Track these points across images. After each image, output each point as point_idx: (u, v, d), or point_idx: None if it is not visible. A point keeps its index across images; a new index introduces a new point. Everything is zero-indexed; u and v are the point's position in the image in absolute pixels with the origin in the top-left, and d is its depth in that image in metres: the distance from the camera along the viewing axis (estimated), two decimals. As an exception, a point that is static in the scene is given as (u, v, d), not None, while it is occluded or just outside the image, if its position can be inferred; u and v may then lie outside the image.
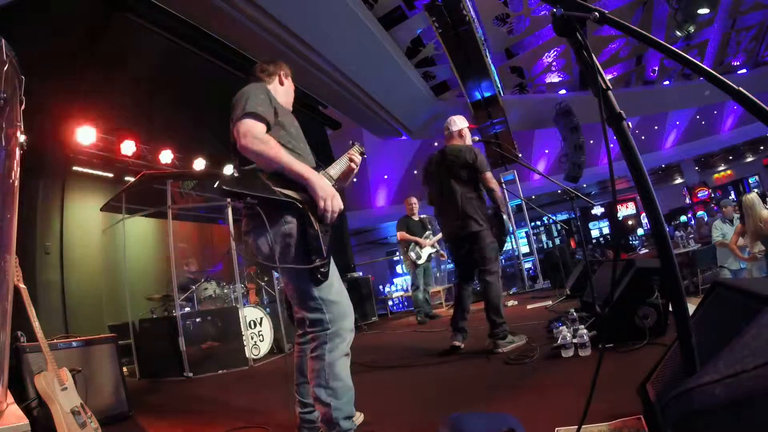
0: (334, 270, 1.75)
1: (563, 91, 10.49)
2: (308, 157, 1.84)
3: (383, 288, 13.33)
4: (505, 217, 3.46)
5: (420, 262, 5.92)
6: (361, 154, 2.08)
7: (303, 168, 1.64)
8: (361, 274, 7.80)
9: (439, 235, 6.04)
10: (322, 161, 1.89)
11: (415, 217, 6.16)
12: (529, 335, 3.28)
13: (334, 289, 1.70)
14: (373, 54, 7.39)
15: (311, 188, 1.63)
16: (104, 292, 5.59)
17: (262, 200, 1.58)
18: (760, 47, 10.91)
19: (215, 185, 1.54)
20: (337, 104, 8.80)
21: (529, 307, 5.50)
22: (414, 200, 6.26)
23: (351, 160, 1.98)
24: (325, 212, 1.61)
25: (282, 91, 1.98)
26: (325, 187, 1.63)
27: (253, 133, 1.60)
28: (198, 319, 4.63)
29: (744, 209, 4.83)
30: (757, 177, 17.11)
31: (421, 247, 5.92)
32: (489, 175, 3.24)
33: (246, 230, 1.72)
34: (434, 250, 6.08)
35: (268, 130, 1.68)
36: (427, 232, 6.07)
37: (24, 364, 2.41)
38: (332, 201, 1.62)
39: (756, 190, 15.71)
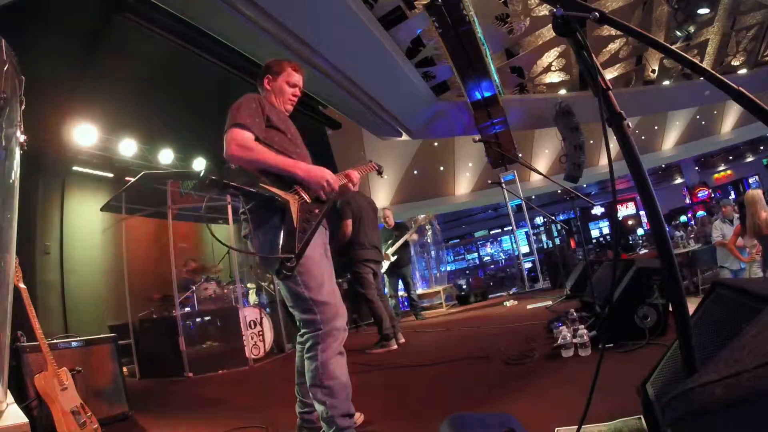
0: (325, 271, 1.78)
1: (563, 91, 10.47)
2: (305, 161, 1.86)
3: (383, 289, 13.31)
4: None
5: (380, 272, 5.96)
6: (379, 173, 2.17)
7: (291, 164, 1.70)
8: (360, 274, 7.78)
9: (393, 248, 5.98)
10: (322, 161, 1.89)
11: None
12: (529, 335, 3.29)
13: (325, 289, 1.72)
14: (373, 54, 7.38)
15: (304, 181, 1.68)
16: (104, 292, 5.59)
17: (244, 193, 1.63)
18: (760, 47, 10.90)
19: (201, 175, 1.56)
20: (337, 104, 8.78)
21: (529, 307, 5.51)
22: (388, 212, 6.33)
23: (348, 176, 1.90)
24: (329, 194, 1.71)
25: (271, 94, 1.97)
26: (315, 174, 1.69)
27: (237, 141, 1.66)
28: (198, 319, 4.63)
29: (746, 205, 4.82)
30: (757, 177, 17.12)
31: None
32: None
33: (244, 234, 1.78)
34: (393, 259, 5.97)
35: (257, 139, 1.72)
36: (390, 242, 5.98)
37: (24, 364, 2.41)
38: (328, 184, 1.70)
39: (756, 189, 15.69)
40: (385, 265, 5.89)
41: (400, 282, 6.30)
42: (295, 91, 2.00)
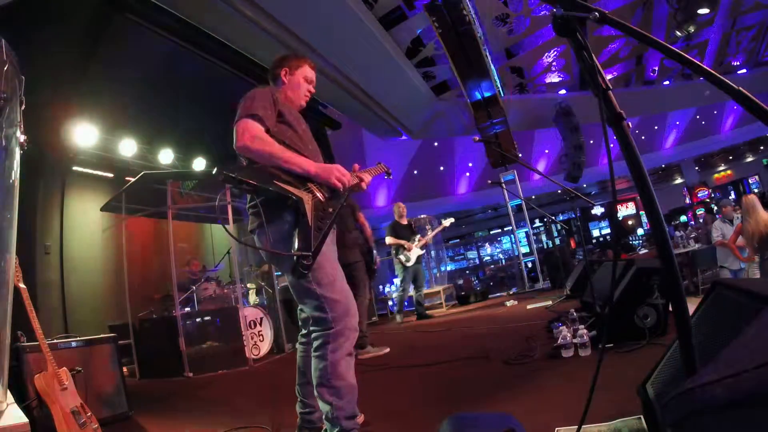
0: (336, 269, 1.75)
1: (563, 91, 10.48)
2: (316, 158, 1.84)
3: (383, 288, 13.33)
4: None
5: (408, 264, 6.20)
6: (387, 174, 2.14)
7: (304, 161, 1.68)
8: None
9: (429, 236, 6.54)
10: (323, 162, 1.89)
11: (404, 221, 6.43)
12: (529, 335, 3.29)
13: (337, 287, 1.69)
14: (373, 54, 7.38)
15: (317, 178, 1.67)
16: (104, 292, 5.59)
17: (258, 190, 1.60)
18: (760, 47, 10.90)
19: (215, 171, 1.55)
20: (337, 104, 8.79)
21: (529, 307, 5.51)
22: (402, 205, 6.49)
23: (360, 178, 1.88)
24: (343, 186, 1.70)
25: (287, 87, 1.95)
26: (327, 169, 1.69)
27: (251, 132, 1.63)
28: (198, 319, 4.63)
29: (745, 209, 4.81)
30: (757, 177, 17.11)
31: (408, 250, 6.15)
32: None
33: (251, 228, 1.75)
34: (422, 252, 6.34)
35: (269, 132, 1.70)
36: (417, 236, 6.34)
37: (24, 364, 2.41)
38: (340, 176, 1.70)
39: (756, 190, 15.73)
40: (413, 257, 6.18)
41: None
42: (310, 87, 2.00)
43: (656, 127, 17.11)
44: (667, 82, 11.41)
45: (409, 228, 6.39)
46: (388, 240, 6.25)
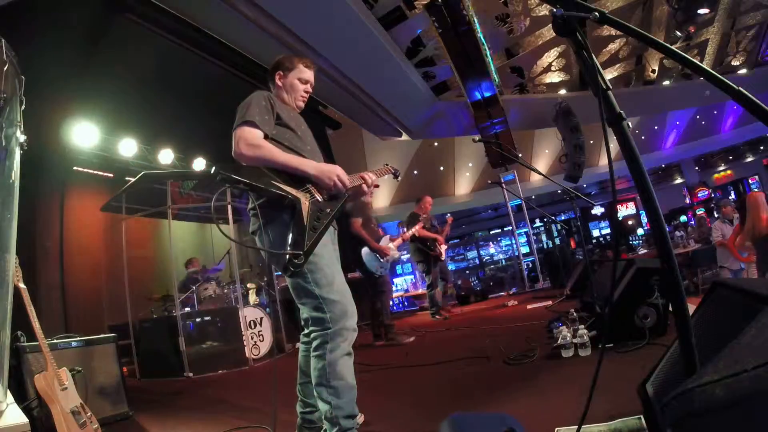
0: (335, 270, 1.76)
1: (563, 91, 10.47)
2: (316, 158, 1.85)
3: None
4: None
5: (443, 258, 6.14)
6: (395, 175, 2.13)
7: (300, 162, 1.70)
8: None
9: (446, 230, 6.50)
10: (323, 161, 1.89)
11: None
12: (529, 335, 3.29)
13: (336, 288, 1.70)
14: (373, 54, 7.38)
15: (314, 177, 1.69)
16: (104, 292, 5.59)
17: (255, 190, 1.62)
18: (760, 47, 10.90)
19: (212, 170, 1.56)
20: (337, 104, 8.79)
21: (529, 307, 5.51)
22: (430, 200, 6.32)
23: (362, 178, 1.89)
24: (339, 189, 1.72)
25: (282, 91, 1.97)
26: (326, 170, 1.70)
27: (246, 139, 1.66)
28: (198, 319, 4.63)
29: (748, 205, 4.81)
30: (757, 177, 17.10)
31: (439, 243, 6.05)
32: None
33: (252, 230, 1.77)
34: (446, 247, 6.29)
35: (266, 136, 1.72)
36: (441, 229, 6.34)
37: (24, 364, 2.41)
38: (339, 178, 1.70)
39: (756, 190, 15.71)
40: (443, 250, 6.15)
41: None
42: (306, 88, 1.99)
43: (656, 127, 17.10)
44: (667, 82, 11.40)
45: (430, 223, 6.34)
46: (419, 231, 5.94)
